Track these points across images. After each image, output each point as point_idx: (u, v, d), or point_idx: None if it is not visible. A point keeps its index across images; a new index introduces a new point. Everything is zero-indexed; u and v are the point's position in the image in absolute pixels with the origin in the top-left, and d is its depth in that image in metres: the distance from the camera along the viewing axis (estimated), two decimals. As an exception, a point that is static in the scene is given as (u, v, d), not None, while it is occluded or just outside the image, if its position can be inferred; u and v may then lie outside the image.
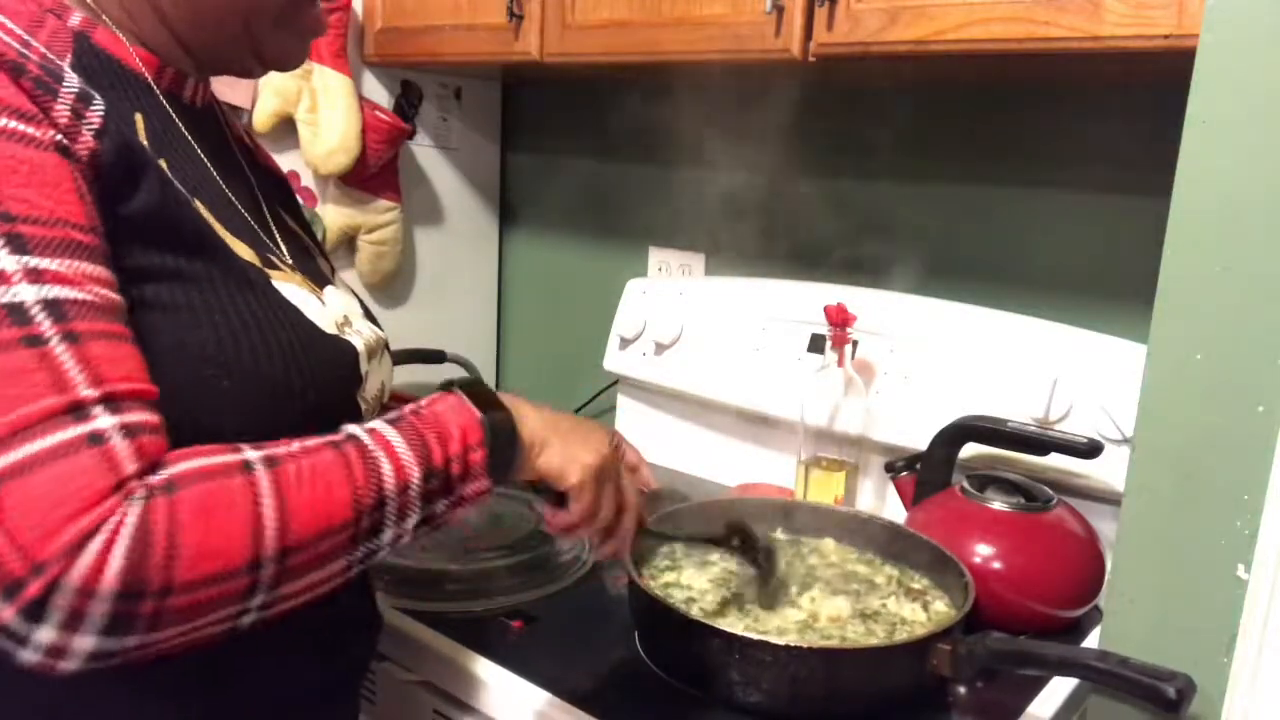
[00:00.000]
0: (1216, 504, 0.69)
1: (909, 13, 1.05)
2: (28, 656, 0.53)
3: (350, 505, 0.61)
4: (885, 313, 1.36)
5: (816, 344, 1.40)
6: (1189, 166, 0.68)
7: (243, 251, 0.73)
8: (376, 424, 0.66)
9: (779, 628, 0.96)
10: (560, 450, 0.73)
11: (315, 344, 0.74)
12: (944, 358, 1.31)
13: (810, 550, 1.13)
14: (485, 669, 0.95)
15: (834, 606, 1.00)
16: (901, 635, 0.96)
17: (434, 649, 0.99)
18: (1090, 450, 1.09)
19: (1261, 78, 0.64)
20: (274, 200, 0.89)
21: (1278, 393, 0.66)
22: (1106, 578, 0.89)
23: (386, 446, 0.64)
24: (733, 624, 0.96)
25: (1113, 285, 1.29)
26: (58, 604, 0.51)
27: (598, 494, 0.75)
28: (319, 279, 0.85)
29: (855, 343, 1.34)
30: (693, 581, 1.05)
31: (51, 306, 0.56)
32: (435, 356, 1.79)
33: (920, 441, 1.23)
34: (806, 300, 1.42)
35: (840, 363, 1.30)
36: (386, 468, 0.63)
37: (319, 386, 0.73)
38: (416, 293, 1.84)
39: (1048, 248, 1.34)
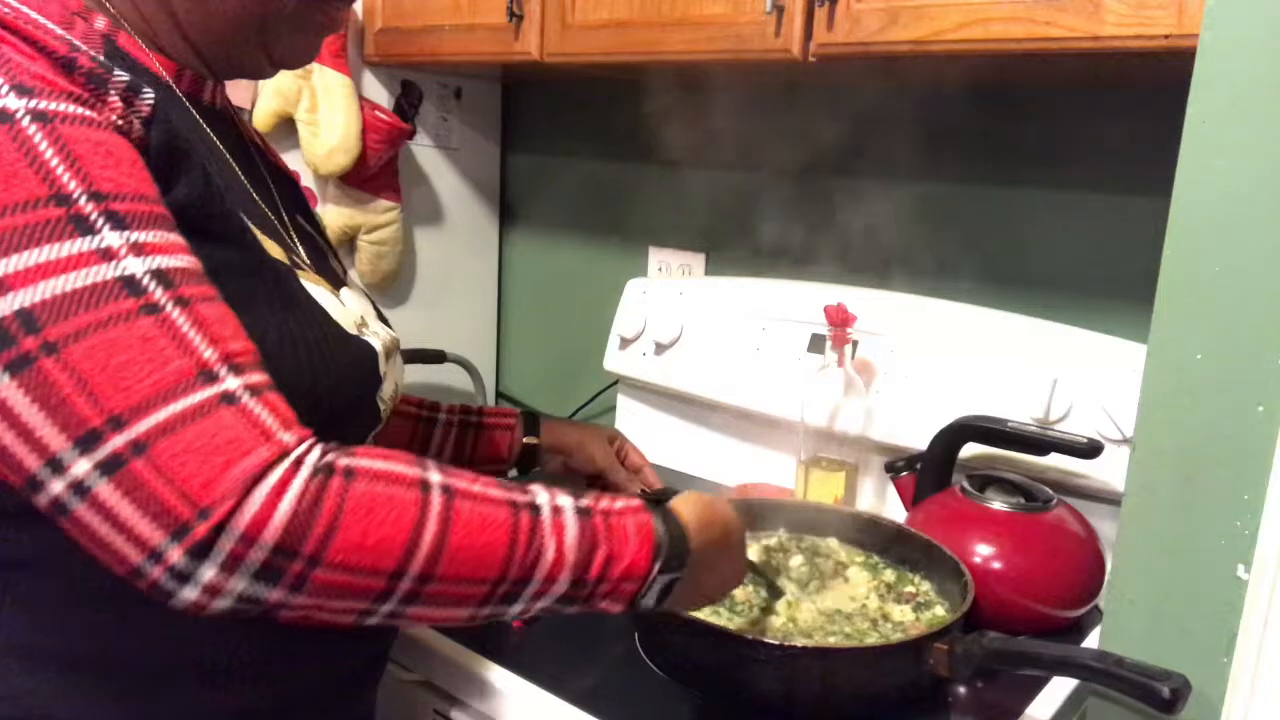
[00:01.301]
0: (1216, 504, 0.69)
1: (909, 13, 1.05)
2: (187, 594, 0.56)
3: (499, 569, 0.63)
4: (885, 313, 1.36)
5: (816, 344, 1.40)
6: (1189, 166, 0.68)
7: (273, 250, 0.73)
8: (565, 507, 0.67)
9: (777, 628, 0.96)
10: (702, 601, 0.79)
11: (340, 346, 0.74)
12: (944, 358, 1.31)
13: (811, 550, 1.13)
14: (485, 669, 0.95)
15: (829, 604, 1.00)
16: (895, 636, 0.96)
17: (434, 649, 0.99)
18: (1090, 450, 1.09)
19: (1261, 78, 0.64)
20: (288, 201, 0.89)
21: (1278, 393, 0.66)
22: (1106, 578, 0.89)
23: (559, 535, 0.65)
24: (731, 624, 0.96)
25: (1113, 285, 1.29)
26: (222, 545, 0.55)
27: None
28: (335, 280, 0.85)
29: (855, 343, 1.34)
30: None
31: (159, 276, 0.58)
32: (435, 356, 1.79)
33: (920, 441, 1.23)
34: (806, 300, 1.42)
35: (840, 363, 1.30)
36: (548, 555, 0.65)
37: (343, 388, 0.73)
38: (416, 293, 1.84)
39: (1048, 248, 1.34)
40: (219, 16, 0.73)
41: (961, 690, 0.95)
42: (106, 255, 0.57)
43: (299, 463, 0.58)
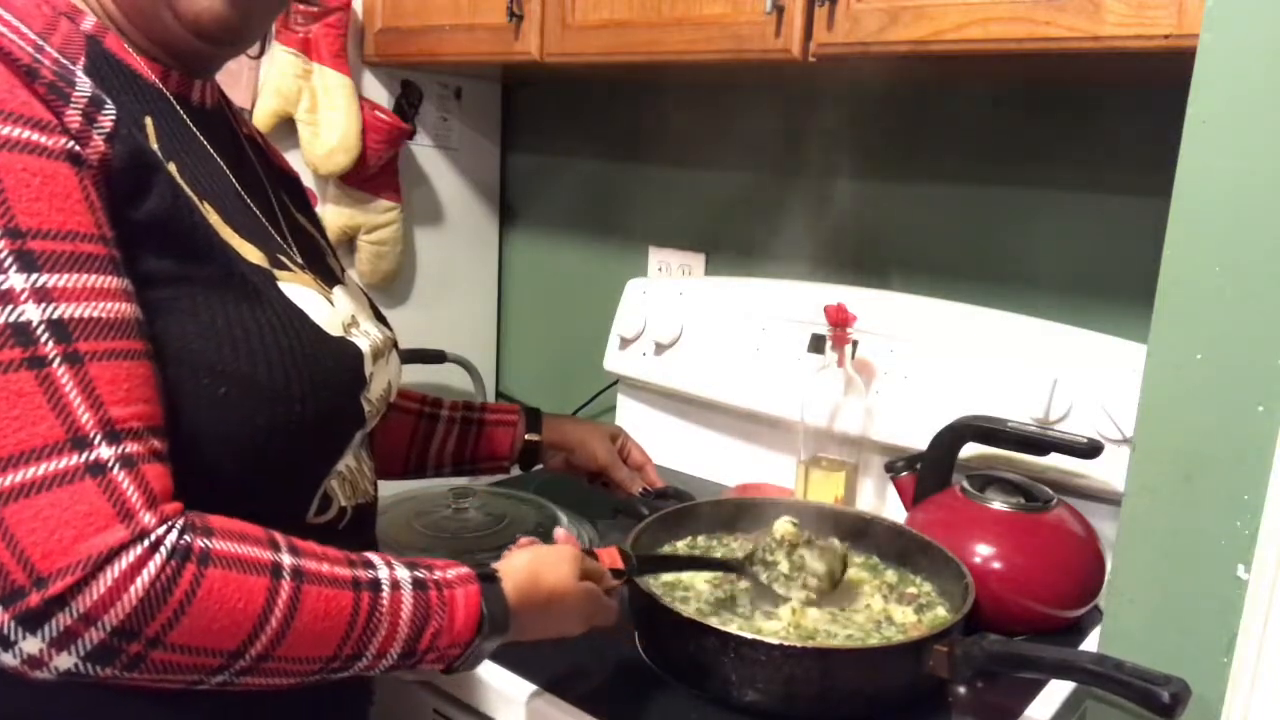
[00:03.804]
0: (1216, 504, 0.69)
1: (909, 13, 1.05)
2: (7, 660, 0.54)
3: (335, 647, 0.64)
4: (885, 313, 1.36)
5: (816, 344, 1.40)
6: (1189, 166, 0.68)
7: (250, 254, 0.72)
8: (404, 582, 0.68)
9: (777, 629, 0.96)
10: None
11: (318, 348, 0.74)
12: (944, 358, 1.31)
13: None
14: (485, 669, 0.94)
15: (832, 604, 1.00)
16: (897, 637, 0.96)
17: (434, 649, 0.99)
18: (1090, 450, 1.09)
19: (1261, 78, 0.64)
20: (286, 199, 0.89)
21: (1278, 393, 0.66)
22: (1106, 578, 0.89)
23: (394, 617, 0.67)
24: (730, 624, 0.96)
25: (1113, 285, 1.29)
26: (58, 620, 0.53)
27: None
28: (329, 278, 0.85)
29: (855, 343, 1.34)
30: (692, 582, 1.05)
31: (56, 326, 0.56)
32: (435, 356, 1.79)
33: (920, 441, 1.23)
34: (806, 300, 1.42)
35: (840, 363, 1.30)
36: (382, 633, 0.66)
37: (321, 390, 0.73)
38: (416, 293, 1.84)
39: (1048, 248, 1.34)
40: None
41: (961, 691, 0.94)
42: (4, 298, 0.55)
43: (155, 546, 0.56)
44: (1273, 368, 0.66)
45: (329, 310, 0.78)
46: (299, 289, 0.75)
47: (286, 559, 0.62)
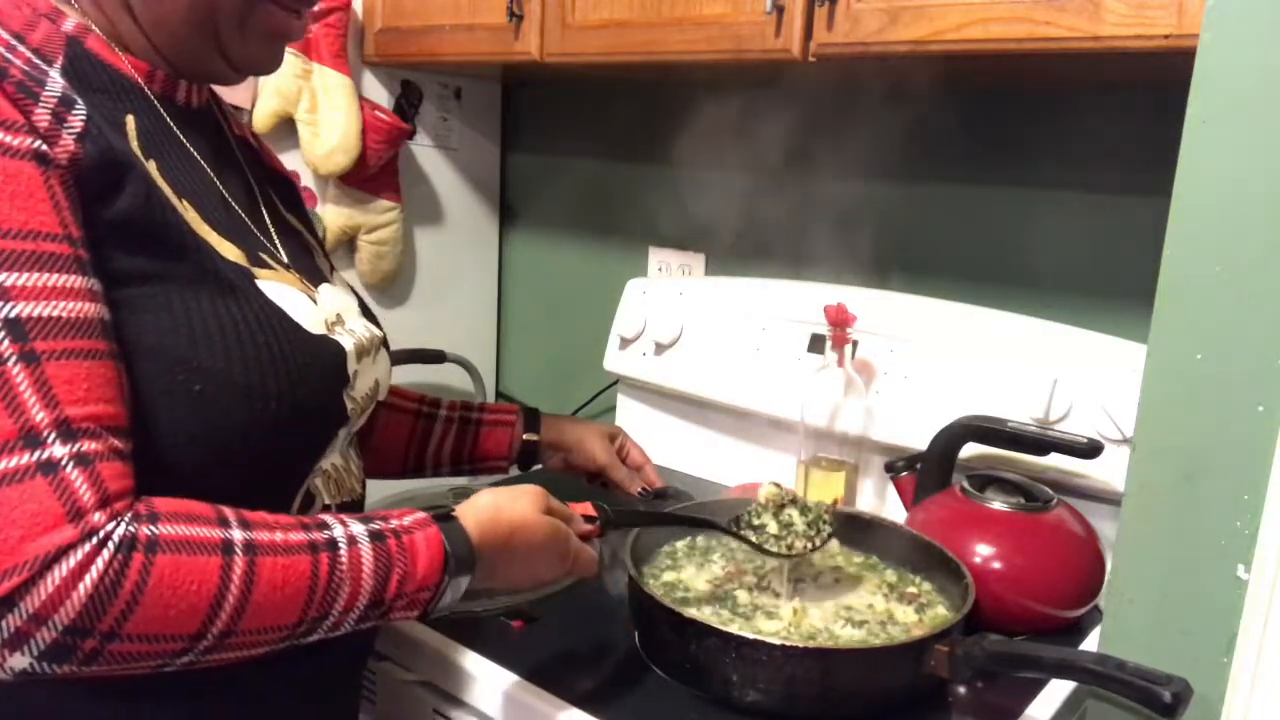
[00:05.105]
0: (1216, 504, 0.69)
1: (909, 13, 1.05)
2: None
3: (299, 613, 0.64)
4: (885, 313, 1.36)
5: (816, 344, 1.40)
6: (1189, 166, 0.68)
7: (229, 252, 0.73)
8: (360, 536, 0.68)
9: (778, 629, 0.96)
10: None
11: (296, 346, 0.74)
12: (944, 358, 1.31)
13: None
14: (485, 669, 0.95)
15: (829, 607, 1.00)
16: (899, 636, 0.96)
17: (433, 648, 0.99)
18: (1090, 450, 1.09)
19: (1261, 78, 0.64)
20: (275, 198, 0.89)
21: (1278, 393, 0.66)
22: (1106, 578, 0.89)
23: (355, 572, 0.66)
24: (730, 624, 0.96)
25: (1113, 285, 1.29)
26: (5, 621, 0.53)
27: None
28: (315, 277, 0.85)
29: (855, 343, 1.34)
30: (692, 582, 1.05)
31: (12, 325, 0.56)
32: (435, 356, 1.79)
33: (920, 441, 1.23)
34: (806, 300, 1.42)
35: (840, 363, 1.30)
36: (345, 592, 0.66)
37: (300, 387, 0.73)
38: (416, 293, 1.84)
39: (1048, 248, 1.34)
40: (172, 16, 0.73)
41: (961, 690, 0.94)
42: None
43: (103, 542, 0.56)
44: (1273, 368, 0.66)
45: (311, 308, 0.78)
46: (280, 287, 0.75)
47: (237, 534, 0.62)
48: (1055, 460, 1.16)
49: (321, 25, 1.55)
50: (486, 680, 0.94)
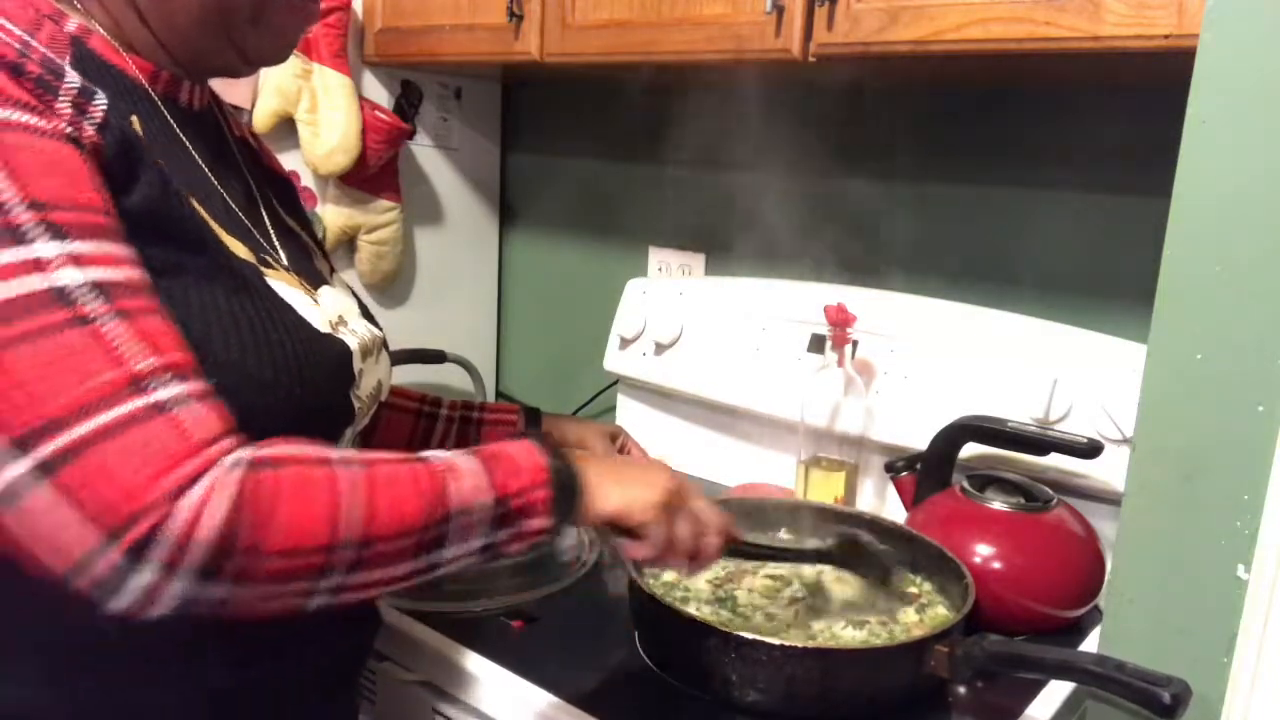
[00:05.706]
0: (1216, 504, 0.69)
1: (909, 13, 1.05)
2: (123, 600, 0.56)
3: (421, 513, 0.65)
4: (885, 313, 1.36)
5: (816, 344, 1.40)
6: (1189, 166, 0.68)
7: (239, 249, 0.73)
8: (450, 454, 0.70)
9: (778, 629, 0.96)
10: (621, 492, 0.76)
11: (307, 342, 0.74)
12: (944, 358, 1.31)
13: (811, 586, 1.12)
14: (485, 669, 0.95)
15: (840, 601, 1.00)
16: (899, 636, 0.96)
17: (434, 649, 0.99)
18: (1090, 450, 1.09)
19: (1261, 78, 0.64)
20: (274, 201, 0.89)
21: (1278, 393, 0.66)
22: (1106, 578, 0.89)
23: (452, 470, 0.68)
24: (730, 624, 0.96)
25: (1113, 285, 1.29)
26: (157, 552, 0.55)
27: (668, 525, 0.78)
28: (315, 279, 0.85)
29: (855, 343, 1.34)
30: (692, 581, 1.05)
31: (98, 289, 0.59)
32: (435, 356, 1.79)
33: (920, 441, 1.23)
34: (806, 300, 1.42)
35: (840, 363, 1.30)
36: (453, 487, 0.67)
37: (310, 384, 0.73)
38: (416, 293, 1.84)
39: (1048, 248, 1.34)
40: (182, 13, 0.73)
41: (961, 691, 0.95)
42: (37, 266, 0.57)
43: (230, 468, 0.58)
44: (1273, 368, 0.66)
45: (315, 309, 0.78)
46: (285, 287, 0.76)
47: (336, 454, 0.64)
48: (1055, 460, 1.16)
49: (321, 25, 1.55)
50: (486, 680, 0.94)
